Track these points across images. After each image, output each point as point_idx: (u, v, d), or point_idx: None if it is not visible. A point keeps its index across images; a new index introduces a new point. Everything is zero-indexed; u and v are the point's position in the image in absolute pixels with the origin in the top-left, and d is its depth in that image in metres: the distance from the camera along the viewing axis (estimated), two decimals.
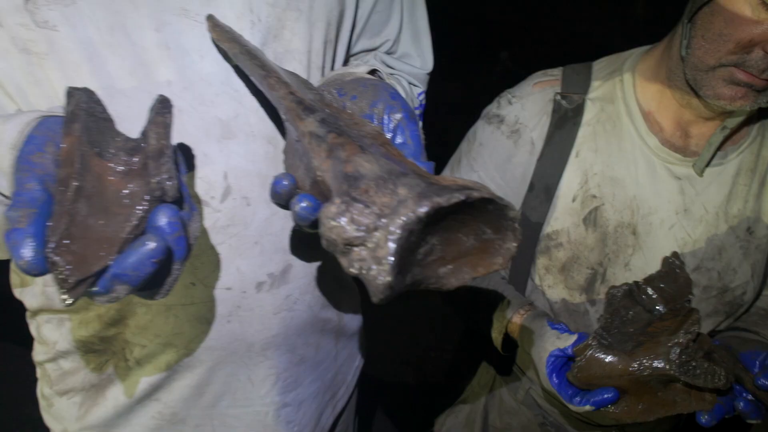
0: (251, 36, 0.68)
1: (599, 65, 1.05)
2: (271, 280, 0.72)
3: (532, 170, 1.03)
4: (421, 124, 0.84)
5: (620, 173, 0.99)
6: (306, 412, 0.86)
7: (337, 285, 0.91)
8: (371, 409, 2.27)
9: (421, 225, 0.40)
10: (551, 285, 1.07)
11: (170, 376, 0.74)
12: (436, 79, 1.07)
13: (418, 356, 2.60)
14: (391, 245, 0.39)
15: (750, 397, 0.84)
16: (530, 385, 1.18)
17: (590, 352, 0.81)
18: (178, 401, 0.76)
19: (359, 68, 0.72)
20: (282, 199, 0.48)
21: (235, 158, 0.67)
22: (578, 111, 1.00)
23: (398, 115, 0.56)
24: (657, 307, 0.83)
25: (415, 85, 1.01)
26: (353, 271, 0.41)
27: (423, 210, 0.39)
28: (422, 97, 1.03)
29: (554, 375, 0.85)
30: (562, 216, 1.02)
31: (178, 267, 0.44)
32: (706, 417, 0.80)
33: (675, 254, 0.88)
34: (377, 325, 2.74)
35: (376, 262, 0.40)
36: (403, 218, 0.39)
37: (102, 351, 0.74)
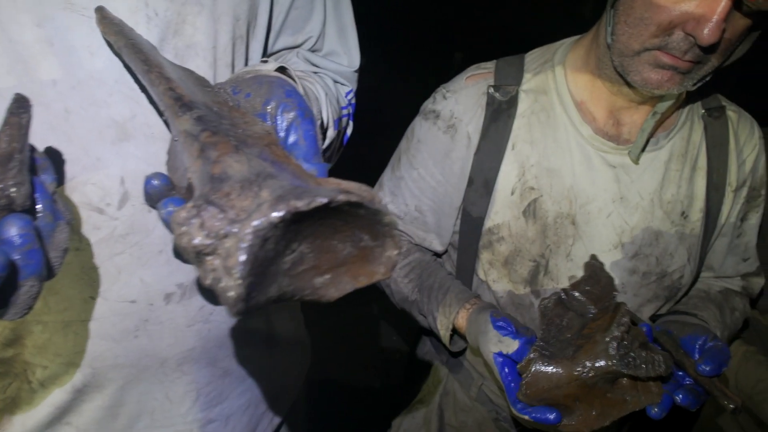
0: (147, 31, 0.64)
1: (531, 56, 1.05)
2: (182, 290, 0.68)
3: (470, 165, 1.02)
4: (331, 123, 0.80)
5: (556, 164, 0.98)
6: (236, 426, 0.82)
7: None
8: (332, 414, 2.24)
9: (280, 231, 0.37)
10: (496, 279, 1.06)
11: (78, 397, 0.69)
12: (394, 81, 1.05)
13: (383, 359, 2.58)
14: (241, 254, 0.36)
15: (689, 382, 0.84)
16: (483, 382, 1.17)
17: (534, 367, 0.80)
18: (91, 424, 0.71)
19: (266, 66, 0.68)
20: (152, 201, 0.45)
21: (133, 161, 0.63)
22: (512, 103, 0.99)
23: (292, 114, 0.53)
24: (588, 309, 0.83)
25: (342, 84, 0.98)
26: (207, 282, 0.37)
27: (277, 214, 0.36)
28: (351, 95, 1.00)
29: (504, 375, 0.83)
30: (502, 209, 1.01)
31: (33, 283, 0.40)
32: (656, 410, 0.79)
33: (593, 257, 0.90)
34: (340, 330, 2.73)
35: (226, 273, 0.36)
36: (255, 223, 0.36)
37: (3, 373, 0.69)
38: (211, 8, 0.68)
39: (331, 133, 0.84)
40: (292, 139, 0.51)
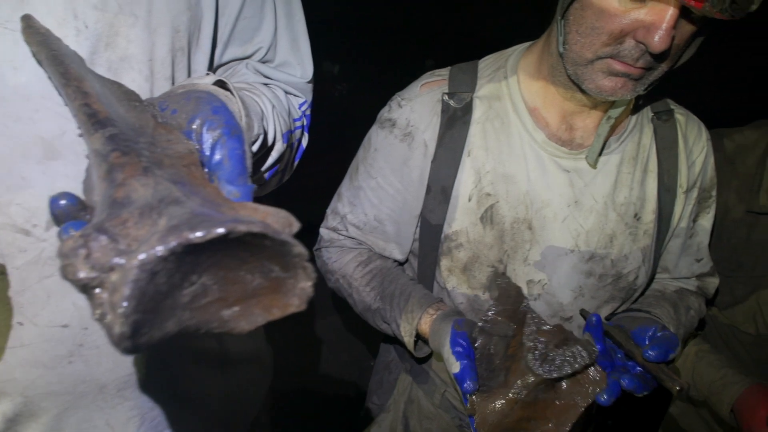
0: (77, 44, 0.61)
1: (485, 63, 1.05)
2: None
3: (427, 172, 1.01)
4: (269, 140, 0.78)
5: (511, 170, 0.98)
6: None
7: None
8: (299, 425, 2.21)
9: (172, 263, 0.35)
10: (455, 286, 1.06)
11: (11, 427, 0.65)
12: (365, 89, 1.04)
13: (355, 367, 2.56)
14: (126, 289, 0.34)
15: (638, 370, 0.86)
16: (445, 389, 1.16)
17: (479, 409, 0.80)
18: None
19: (203, 79, 0.67)
20: (59, 222, 0.42)
21: (62, 180, 0.60)
22: (467, 110, 0.99)
23: (217, 132, 0.51)
24: (507, 328, 0.84)
25: (295, 95, 0.96)
26: (95, 317, 0.35)
27: (165, 247, 0.34)
28: (305, 107, 0.98)
29: (461, 387, 0.82)
30: (460, 216, 1.00)
31: None
32: (604, 396, 0.80)
33: (495, 273, 0.92)
34: (310, 339, 2.71)
35: (111, 308, 0.34)
36: (142, 257, 0.34)
37: None
38: (146, 20, 0.66)
39: (279, 147, 0.83)
40: (216, 158, 0.49)
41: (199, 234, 0.34)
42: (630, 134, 1.01)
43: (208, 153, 0.50)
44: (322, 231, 1.16)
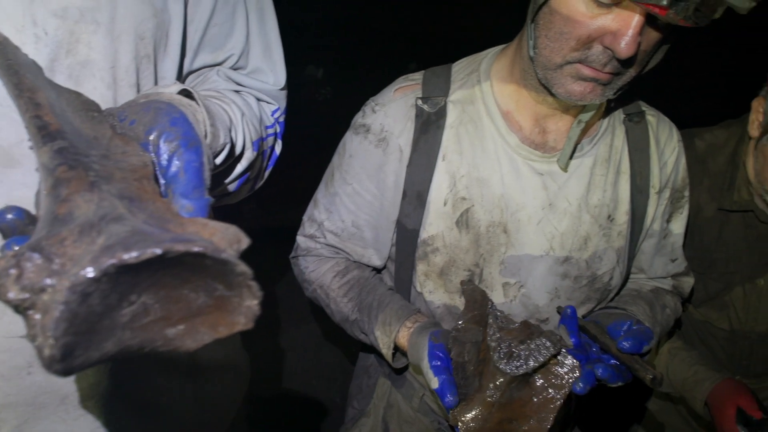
0: (36, 51, 0.60)
1: (458, 67, 1.05)
2: None
3: (403, 177, 1.01)
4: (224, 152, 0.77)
5: (486, 173, 0.98)
6: None
7: None
8: (282, 429, 2.21)
9: (106, 284, 0.34)
10: (432, 290, 1.05)
11: None
12: (350, 93, 1.04)
13: (341, 374, 2.55)
14: (56, 312, 0.33)
15: (613, 362, 0.86)
16: (424, 392, 1.16)
17: (461, 417, 0.80)
18: None
19: (168, 88, 0.66)
20: (5, 236, 0.42)
21: (20, 189, 0.60)
22: (441, 114, 0.99)
23: (174, 144, 0.50)
24: (477, 333, 0.85)
25: (268, 102, 0.96)
26: (29, 339, 0.34)
27: (96, 269, 0.33)
28: (278, 114, 0.98)
29: (442, 401, 0.82)
30: (436, 221, 1.00)
31: None
32: (580, 385, 0.81)
33: (464, 282, 0.94)
34: (296, 348, 2.70)
35: (42, 331, 0.33)
36: (72, 278, 0.33)
37: None
38: (108, 27, 0.65)
39: (249, 155, 0.82)
40: (172, 170, 0.49)
41: (133, 254, 0.34)
42: (602, 137, 1.01)
43: (164, 165, 0.49)
44: (299, 239, 1.15)
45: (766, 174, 1.21)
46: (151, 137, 0.51)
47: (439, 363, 0.85)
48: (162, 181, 0.49)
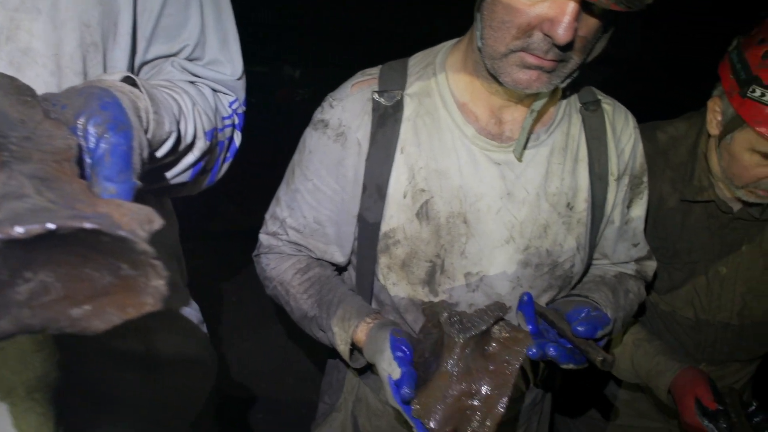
0: None
1: (414, 60, 1.06)
2: None
3: (362, 171, 1.01)
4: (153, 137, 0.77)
5: (444, 165, 0.99)
6: None
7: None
8: (261, 428, 2.20)
9: None
10: (395, 282, 1.06)
11: None
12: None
13: (319, 371, 2.56)
14: None
15: (568, 346, 0.88)
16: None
17: (420, 400, 0.81)
18: None
19: (112, 75, 0.66)
20: None
21: None
22: (398, 107, 1.00)
23: (102, 127, 0.51)
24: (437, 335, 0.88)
25: (226, 94, 0.96)
26: None
27: None
28: (237, 105, 0.98)
29: (396, 398, 0.83)
30: (396, 213, 1.01)
31: None
32: (533, 350, 0.84)
33: (423, 303, 1.00)
34: (276, 345, 2.70)
35: None
36: None
37: None
38: (50, 14, 0.65)
39: (201, 145, 0.82)
40: (99, 153, 0.49)
41: (19, 230, 0.33)
42: (558, 125, 1.03)
43: (92, 148, 0.50)
44: (261, 237, 1.15)
45: (734, 170, 1.23)
46: (80, 121, 0.51)
47: (402, 355, 0.85)
48: (88, 163, 0.49)
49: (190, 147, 0.80)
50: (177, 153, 0.77)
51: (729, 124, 1.20)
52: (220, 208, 3.27)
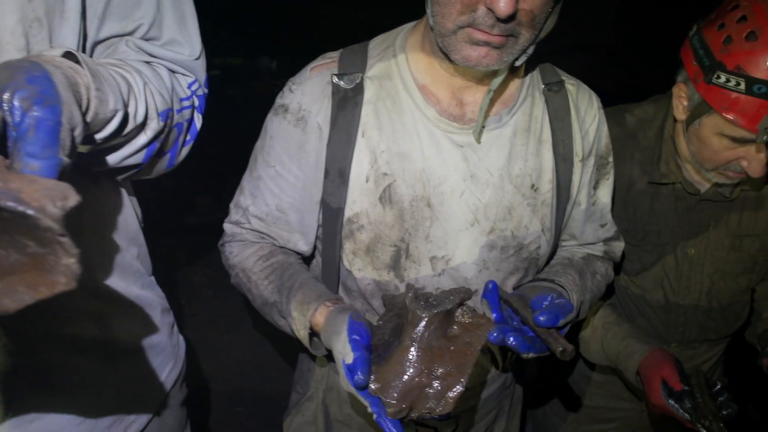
0: None
1: (374, 43, 1.05)
2: None
3: (324, 156, 1.00)
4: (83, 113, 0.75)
5: (406, 148, 0.98)
6: None
7: (97, 295, 0.82)
8: (232, 420, 2.19)
9: None
10: (360, 268, 1.05)
11: None
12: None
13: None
14: None
15: (531, 334, 0.88)
16: None
17: (377, 376, 0.80)
18: None
19: (52, 51, 0.64)
20: None
21: None
22: (358, 90, 0.99)
23: (27, 102, 0.49)
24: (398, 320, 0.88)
25: (184, 75, 0.94)
26: None
27: None
28: (196, 86, 0.96)
29: (350, 380, 0.81)
30: (359, 198, 1.00)
31: None
32: (494, 334, 0.83)
33: (383, 295, 0.98)
34: (257, 338, 2.68)
35: None
36: None
37: None
38: None
39: (154, 125, 0.81)
40: (23, 128, 0.48)
41: None
42: (521, 106, 1.02)
43: (17, 123, 0.48)
44: (225, 226, 1.13)
45: (704, 154, 1.23)
46: (5, 95, 0.50)
47: (358, 338, 0.83)
48: (12, 137, 0.48)
49: (142, 127, 0.78)
50: (127, 133, 0.75)
51: (696, 110, 1.20)
52: (196, 202, 3.24)
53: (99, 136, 0.69)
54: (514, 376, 1.29)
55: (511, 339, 0.83)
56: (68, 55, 0.65)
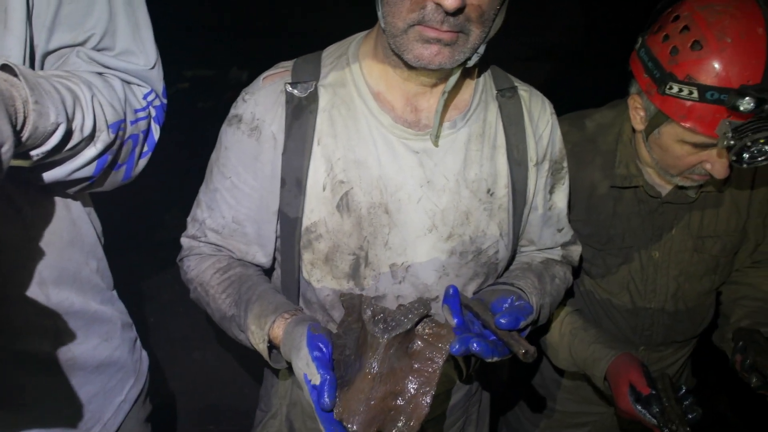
0: None
1: (328, 52, 1.06)
2: None
3: (279, 165, 1.00)
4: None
5: (362, 155, 0.98)
6: None
7: (51, 310, 0.79)
8: None
9: None
10: (319, 279, 1.04)
11: None
12: None
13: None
14: None
15: (492, 338, 0.88)
16: None
17: (342, 400, 0.78)
18: None
19: None
20: None
21: None
22: (312, 98, 0.99)
23: None
24: (355, 327, 0.87)
25: (139, 85, 0.93)
26: None
27: None
28: (152, 97, 0.95)
29: (314, 399, 0.78)
30: (317, 207, 0.99)
31: None
32: (456, 346, 0.81)
33: (341, 294, 0.97)
34: (231, 355, 2.64)
35: None
36: None
37: None
38: None
39: (105, 137, 0.80)
40: None
41: None
42: (475, 112, 1.03)
43: None
44: (183, 240, 1.12)
45: (668, 161, 1.25)
46: None
47: (320, 354, 0.80)
48: None
49: (91, 139, 0.77)
50: (74, 146, 0.74)
51: (654, 120, 1.22)
52: (165, 217, 3.19)
53: (41, 150, 0.68)
54: (480, 384, 1.28)
55: (475, 345, 0.82)
56: (5, 67, 0.63)
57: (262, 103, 1.00)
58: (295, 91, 0.99)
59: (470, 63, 0.91)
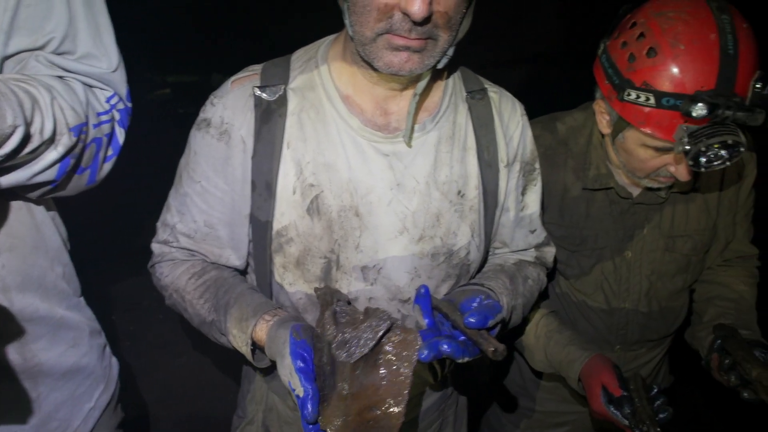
0: None
1: (297, 55, 1.06)
2: None
3: (249, 169, 0.99)
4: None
5: (331, 158, 0.98)
6: None
7: (14, 316, 0.78)
8: None
9: None
10: (291, 282, 1.04)
11: None
12: None
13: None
14: None
15: (462, 338, 0.88)
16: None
17: (323, 416, 0.79)
18: None
19: None
20: None
21: None
22: (281, 102, 0.99)
23: None
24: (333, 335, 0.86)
25: (102, 89, 0.92)
26: None
27: None
28: (115, 100, 0.95)
29: (300, 407, 0.78)
30: (287, 210, 0.99)
31: None
32: (425, 352, 0.81)
33: (316, 288, 0.96)
34: (207, 360, 2.62)
35: None
36: None
37: None
38: None
39: (66, 141, 0.79)
40: None
41: None
42: (444, 114, 1.04)
43: None
44: (153, 246, 1.11)
45: (634, 164, 1.26)
46: None
47: (303, 365, 0.79)
48: None
49: (51, 142, 0.77)
50: (34, 149, 0.73)
51: (617, 125, 1.23)
52: (144, 224, 3.15)
53: None
54: (456, 385, 1.29)
55: (445, 346, 0.82)
56: None
57: (231, 106, 0.99)
58: (264, 95, 0.99)
59: (440, 65, 0.92)
